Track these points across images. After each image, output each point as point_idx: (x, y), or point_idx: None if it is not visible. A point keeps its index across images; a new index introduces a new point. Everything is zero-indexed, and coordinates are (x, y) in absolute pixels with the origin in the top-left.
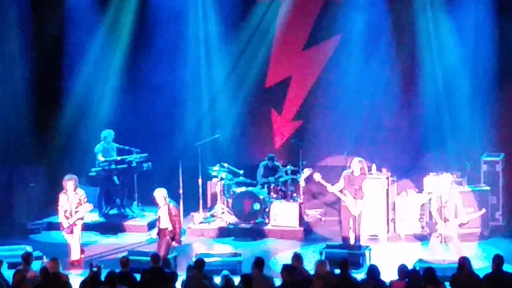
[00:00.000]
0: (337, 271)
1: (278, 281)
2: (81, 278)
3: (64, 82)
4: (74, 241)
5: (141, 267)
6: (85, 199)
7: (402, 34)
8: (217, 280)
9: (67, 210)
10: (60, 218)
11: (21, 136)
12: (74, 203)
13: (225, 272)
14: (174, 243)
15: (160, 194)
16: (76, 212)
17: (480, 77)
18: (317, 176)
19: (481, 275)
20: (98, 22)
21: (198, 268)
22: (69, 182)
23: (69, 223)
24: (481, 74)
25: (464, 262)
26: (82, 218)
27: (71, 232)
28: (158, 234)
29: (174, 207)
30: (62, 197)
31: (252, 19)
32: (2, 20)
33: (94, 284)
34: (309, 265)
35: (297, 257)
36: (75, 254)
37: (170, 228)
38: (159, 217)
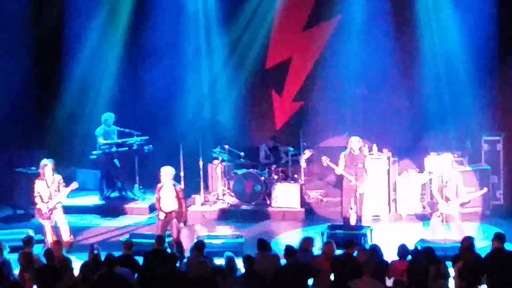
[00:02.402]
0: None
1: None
2: (80, 261)
3: (64, 66)
4: (61, 223)
5: (142, 250)
6: (63, 183)
7: (402, 14)
8: (219, 261)
9: (45, 195)
10: (39, 204)
11: (21, 121)
12: (53, 188)
13: (228, 253)
14: (181, 225)
15: (168, 171)
16: (56, 196)
17: (480, 56)
18: (325, 160)
19: (483, 254)
20: (97, 5)
21: (198, 250)
22: (47, 167)
23: (48, 207)
24: (481, 53)
25: (467, 242)
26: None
27: (49, 217)
28: (165, 216)
29: (181, 189)
30: (38, 183)
31: (252, 0)
32: (1, 5)
33: (96, 266)
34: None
35: (307, 241)
36: (65, 235)
37: (176, 209)
38: (159, 198)
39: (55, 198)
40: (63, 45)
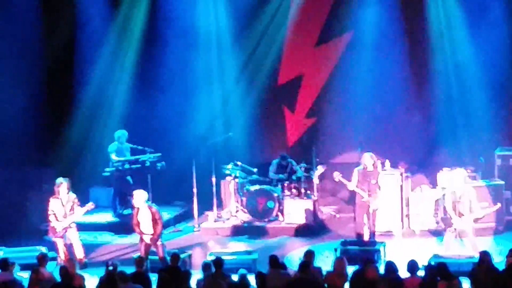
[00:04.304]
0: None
1: None
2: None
3: (77, 82)
4: (76, 242)
5: (155, 266)
6: (78, 202)
7: (414, 29)
8: (235, 278)
9: (59, 214)
10: (53, 222)
11: (34, 138)
12: (67, 207)
13: (242, 270)
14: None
15: (140, 195)
16: (70, 215)
17: (493, 71)
18: (337, 175)
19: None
20: (110, 21)
21: (217, 267)
22: (62, 186)
23: (62, 226)
24: (494, 67)
25: (484, 257)
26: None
27: (62, 236)
28: (142, 239)
29: (156, 210)
30: (53, 202)
31: (263, 17)
32: (14, 23)
33: (111, 283)
34: (323, 262)
35: (309, 254)
36: (79, 254)
37: (152, 231)
38: (138, 223)
39: (70, 217)
40: (76, 63)
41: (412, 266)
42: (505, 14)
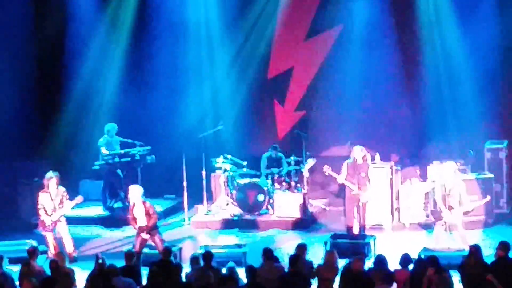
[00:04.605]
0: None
1: None
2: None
3: (67, 76)
4: (65, 235)
5: (147, 260)
6: (67, 196)
7: (403, 23)
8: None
9: (49, 208)
10: (42, 216)
11: (24, 131)
12: (57, 201)
13: (231, 263)
14: (147, 236)
15: (136, 190)
16: (59, 208)
17: (483, 64)
18: (327, 169)
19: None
20: (100, 15)
21: (206, 261)
22: (51, 180)
23: (52, 220)
24: (484, 61)
25: (474, 250)
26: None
27: (52, 230)
28: (139, 233)
29: (150, 205)
30: (42, 196)
31: (253, 10)
32: (4, 16)
33: (103, 275)
34: (314, 255)
35: (301, 248)
36: (68, 248)
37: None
38: (134, 218)
39: (59, 211)
40: (66, 55)
41: (405, 259)
42: (495, 8)
